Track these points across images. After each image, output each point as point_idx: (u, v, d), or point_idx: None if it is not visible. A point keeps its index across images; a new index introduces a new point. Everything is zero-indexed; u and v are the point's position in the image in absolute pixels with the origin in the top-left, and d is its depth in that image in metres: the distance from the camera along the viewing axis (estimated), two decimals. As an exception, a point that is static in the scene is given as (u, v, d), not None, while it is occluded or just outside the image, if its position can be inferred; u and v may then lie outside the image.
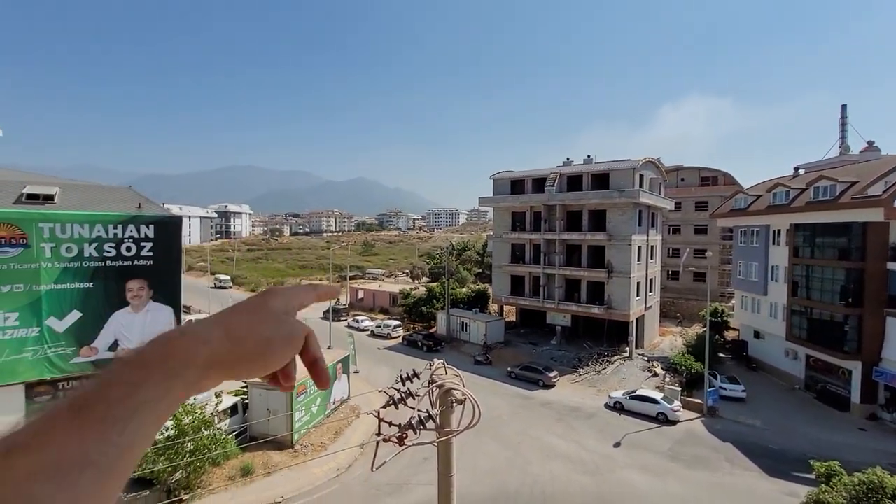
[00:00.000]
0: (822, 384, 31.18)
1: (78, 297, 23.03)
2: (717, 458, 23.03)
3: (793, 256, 32.84)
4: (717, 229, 55.10)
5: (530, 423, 26.67)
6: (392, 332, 46.70)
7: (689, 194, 59.45)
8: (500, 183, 46.52)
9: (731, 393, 30.61)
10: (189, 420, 17.96)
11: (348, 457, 22.21)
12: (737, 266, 41.25)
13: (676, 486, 20.19)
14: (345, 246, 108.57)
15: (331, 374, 26.69)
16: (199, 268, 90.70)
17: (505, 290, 45.71)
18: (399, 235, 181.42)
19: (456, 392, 5.99)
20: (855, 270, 27.92)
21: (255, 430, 22.67)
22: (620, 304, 38.13)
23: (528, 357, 38.40)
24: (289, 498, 18.84)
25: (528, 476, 20.94)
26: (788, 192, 34.43)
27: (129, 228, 24.13)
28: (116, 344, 24.09)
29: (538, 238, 42.53)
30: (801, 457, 22.11)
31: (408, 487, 19.78)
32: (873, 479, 10.21)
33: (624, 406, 28.65)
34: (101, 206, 25.11)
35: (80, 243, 22.96)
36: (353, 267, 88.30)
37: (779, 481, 20.78)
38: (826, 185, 30.52)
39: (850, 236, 28.29)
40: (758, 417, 28.03)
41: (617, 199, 37.76)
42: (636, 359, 37.49)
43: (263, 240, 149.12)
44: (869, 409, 27.89)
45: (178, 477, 17.94)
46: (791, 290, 32.84)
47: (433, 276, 75.93)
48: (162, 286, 25.21)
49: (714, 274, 55.00)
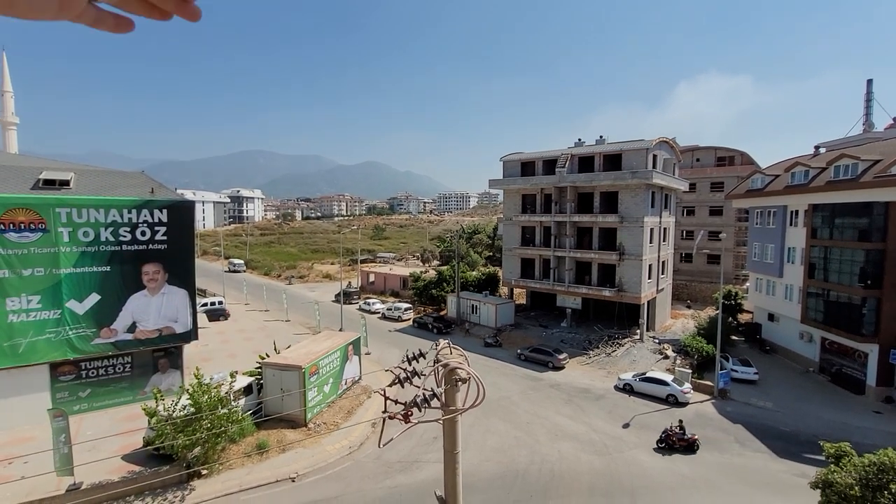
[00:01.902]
0: (837, 367, 30.78)
1: (96, 280, 23.64)
2: (727, 439, 23.04)
3: (810, 238, 32.11)
4: (732, 211, 54.00)
5: (539, 405, 26.91)
6: (403, 314, 47.14)
7: (704, 175, 58.17)
8: (511, 165, 46.00)
9: (743, 375, 30.44)
10: (206, 399, 18.47)
11: (360, 435, 22.75)
12: (752, 248, 40.49)
13: (685, 467, 20.30)
14: (356, 230, 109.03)
15: (342, 355, 27.19)
16: (213, 252, 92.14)
17: (515, 272, 45.64)
18: (410, 219, 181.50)
19: (460, 371, 6.04)
20: (875, 251, 27.22)
21: (269, 408, 23.28)
22: (632, 287, 37.85)
23: (538, 339, 38.53)
24: (303, 474, 19.42)
25: (536, 455, 21.23)
26: (808, 171, 33.45)
27: (143, 213, 24.56)
28: (135, 325, 24.84)
29: (548, 220, 42.17)
30: (813, 438, 22.00)
31: (418, 465, 20.23)
32: (884, 459, 10.11)
33: (633, 388, 28.71)
34: (116, 191, 25.50)
35: (97, 228, 23.44)
36: (364, 250, 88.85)
37: (789, 462, 20.76)
38: (848, 164, 29.56)
39: (872, 217, 27.50)
40: (770, 399, 27.87)
41: (629, 180, 37.12)
42: (647, 341, 37.36)
43: (276, 224, 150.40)
44: (885, 392, 27.51)
45: (197, 452, 18.57)
46: (808, 272, 32.21)
47: (443, 259, 76.09)
48: (176, 270, 25.74)
49: (728, 256, 54.16)
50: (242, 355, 33.05)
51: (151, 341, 25.19)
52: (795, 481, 18.71)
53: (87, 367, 23.93)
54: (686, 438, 21.60)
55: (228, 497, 17.72)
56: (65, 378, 23.46)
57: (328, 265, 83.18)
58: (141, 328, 24.83)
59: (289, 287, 64.47)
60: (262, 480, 18.73)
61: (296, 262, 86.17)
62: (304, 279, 72.68)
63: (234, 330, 42.02)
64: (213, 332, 39.85)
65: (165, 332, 25.50)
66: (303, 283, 70.05)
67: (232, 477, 18.89)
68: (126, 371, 24.95)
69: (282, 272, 76.43)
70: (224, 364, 30.21)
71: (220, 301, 47.59)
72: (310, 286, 67.27)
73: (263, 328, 42.77)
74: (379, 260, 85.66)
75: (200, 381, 18.96)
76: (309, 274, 75.43)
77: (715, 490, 18.56)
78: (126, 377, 24.94)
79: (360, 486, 18.55)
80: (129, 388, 24.97)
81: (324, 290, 62.08)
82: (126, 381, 24.94)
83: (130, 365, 25.03)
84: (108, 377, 24.45)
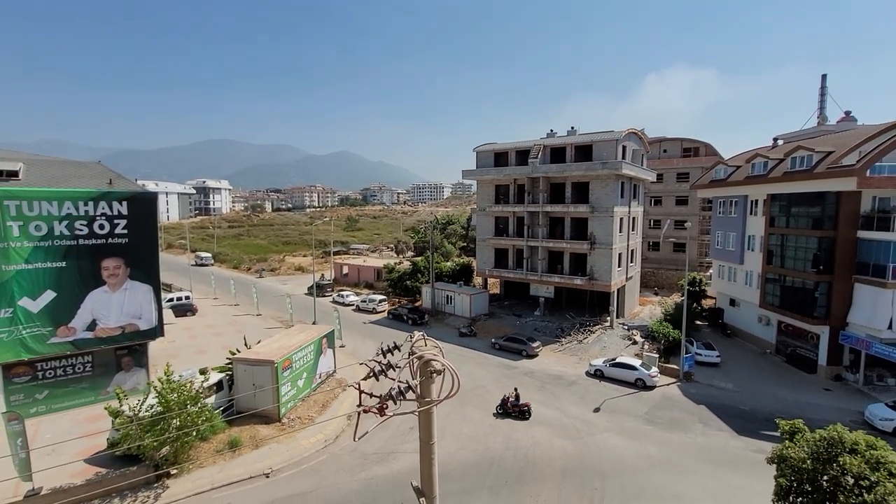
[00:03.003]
0: (791, 348, 32.60)
1: (51, 276, 22.41)
2: (692, 419, 24.12)
3: (769, 226, 33.65)
4: (697, 200, 55.92)
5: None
6: (377, 306, 46.89)
7: (670, 166, 59.91)
8: (484, 155, 46.08)
9: (707, 358, 31.83)
10: (175, 397, 17.92)
11: (335, 428, 22.61)
12: (715, 236, 42.13)
13: (652, 448, 21.14)
14: (328, 221, 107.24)
15: (316, 349, 26.89)
16: (178, 245, 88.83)
17: (489, 263, 46.02)
18: (383, 210, 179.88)
19: (435, 363, 6.04)
20: (827, 239, 28.79)
21: (241, 404, 22.80)
22: (602, 276, 38.81)
23: (512, 328, 39.10)
24: (278, 469, 19.18)
25: (511, 441, 21.65)
26: (767, 162, 34.92)
27: (100, 205, 23.36)
28: (95, 323, 23.76)
29: (522, 211, 42.61)
30: (769, 416, 23.31)
31: (394, 455, 20.30)
32: (833, 434, 10.80)
33: (604, 373, 29.59)
34: (70, 182, 24.16)
35: (50, 221, 22.18)
36: (337, 242, 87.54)
37: (748, 439, 21.94)
38: (803, 156, 31.01)
39: (824, 205, 29.03)
40: (730, 381, 29.29)
41: (600, 170, 37.84)
42: (617, 328, 38.50)
43: (245, 216, 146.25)
44: (834, 371, 29.35)
45: (166, 452, 18.04)
46: (766, 259, 33.82)
47: (418, 250, 75.90)
48: (139, 264, 24.68)
49: (693, 244, 56.20)
50: (212, 351, 32.17)
51: (114, 339, 24.15)
52: (754, 457, 19.79)
53: (43, 368, 22.76)
54: (519, 405, 24.07)
55: (200, 496, 17.33)
56: (19, 380, 22.25)
57: (300, 257, 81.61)
58: (102, 326, 23.75)
59: (259, 280, 62.97)
60: (235, 478, 18.40)
61: (266, 254, 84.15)
62: (275, 272, 71.11)
63: (203, 325, 40.80)
64: (181, 328, 38.59)
65: (129, 329, 24.49)
66: (274, 276, 68.53)
67: (203, 475, 18.46)
68: (87, 371, 23.87)
69: (252, 265, 74.52)
70: (192, 361, 29.34)
71: (188, 296, 46.04)
72: (281, 279, 65.89)
73: (233, 323, 41.70)
74: (352, 251, 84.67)
75: (170, 379, 18.37)
76: (280, 267, 73.83)
77: (680, 468, 19.43)
78: (87, 377, 23.87)
79: (335, 480, 18.48)
80: (90, 388, 23.92)
81: (296, 283, 60.95)
82: (87, 380, 23.87)
83: (91, 364, 23.96)
84: (66, 377, 23.34)
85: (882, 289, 26.26)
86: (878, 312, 26.50)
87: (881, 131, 28.04)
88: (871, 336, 26.85)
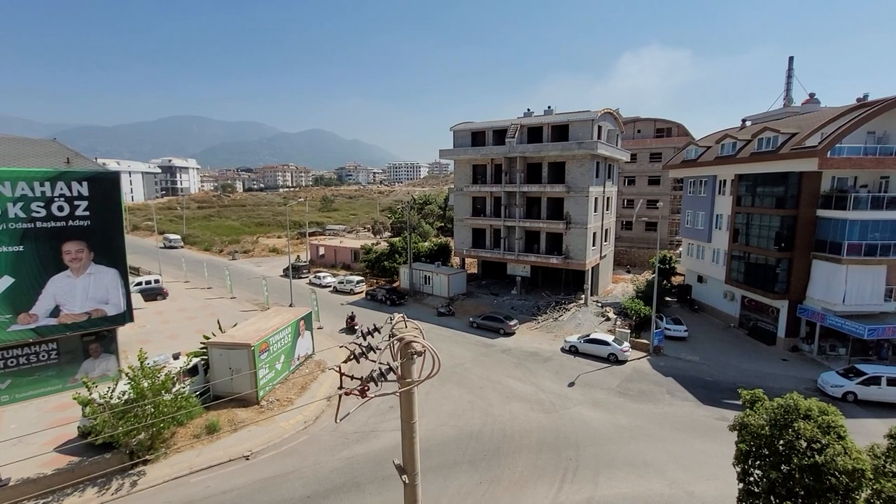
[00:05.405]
0: (753, 322, 34.30)
1: (8, 261, 21.32)
2: (660, 391, 25.26)
3: (735, 205, 34.85)
4: (669, 180, 57.19)
5: (491, 369, 27.99)
6: (355, 287, 46.65)
7: (644, 146, 60.86)
8: (461, 135, 45.67)
9: (675, 333, 33.20)
10: (147, 384, 17.53)
11: (315, 409, 22.67)
12: (685, 215, 43.37)
13: (623, 419, 22.10)
14: (303, 201, 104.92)
15: (294, 331, 26.59)
16: (145, 227, 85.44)
17: (466, 242, 46.19)
18: (359, 190, 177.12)
19: (415, 344, 6.09)
20: (788, 217, 30.05)
21: (218, 389, 22.53)
22: (577, 255, 39.57)
23: (490, 307, 39.65)
24: (258, 451, 19.18)
25: (489, 417, 22.22)
26: (735, 143, 35.87)
27: (58, 186, 22.17)
28: (59, 309, 22.85)
29: (499, 191, 42.70)
30: (732, 386, 24.69)
31: (375, 434, 20.57)
32: (790, 402, 11.51)
33: (578, 349, 30.50)
34: (23, 161, 22.77)
35: (2, 203, 20.98)
36: (313, 223, 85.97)
37: (712, 408, 23.18)
38: (769, 137, 31.98)
39: (787, 185, 30.18)
40: (696, 354, 30.69)
41: (576, 150, 38.12)
42: (591, 305, 39.54)
43: (215, 196, 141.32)
44: (791, 342, 31.11)
45: (141, 438, 17.75)
46: (732, 237, 35.12)
47: (395, 230, 75.37)
48: (103, 247, 23.69)
49: (664, 223, 57.74)
50: (185, 335, 31.49)
51: (80, 325, 23.29)
52: (717, 424, 20.98)
53: (5, 357, 21.83)
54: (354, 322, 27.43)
55: (178, 480, 17.21)
56: (-21, 369, 21.30)
57: (274, 239, 79.88)
58: (66, 312, 22.84)
59: (232, 263, 61.49)
60: (215, 461, 18.31)
61: (239, 236, 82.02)
62: (248, 254, 69.54)
63: (174, 309, 39.77)
64: (152, 313, 37.51)
65: (95, 314, 23.63)
66: (248, 258, 67.05)
67: (181, 460, 18.30)
68: (52, 358, 23.03)
69: (224, 247, 72.57)
70: (164, 346, 28.66)
71: (157, 280, 44.64)
72: (255, 261, 64.54)
73: (206, 306, 40.79)
74: (328, 232, 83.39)
75: (143, 364, 17.93)
76: (254, 248, 72.20)
77: (649, 437, 20.42)
78: (52, 365, 23.05)
79: (316, 460, 18.63)
80: (56, 375, 23.14)
81: (271, 265, 59.83)
82: (53, 368, 23.06)
83: (56, 351, 23.11)
84: (30, 366, 22.48)
85: (837, 265, 27.73)
86: (833, 287, 28.04)
87: (841, 114, 29.10)
88: (826, 309, 28.47)
